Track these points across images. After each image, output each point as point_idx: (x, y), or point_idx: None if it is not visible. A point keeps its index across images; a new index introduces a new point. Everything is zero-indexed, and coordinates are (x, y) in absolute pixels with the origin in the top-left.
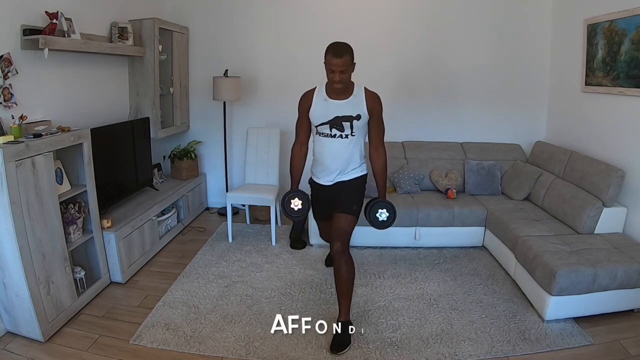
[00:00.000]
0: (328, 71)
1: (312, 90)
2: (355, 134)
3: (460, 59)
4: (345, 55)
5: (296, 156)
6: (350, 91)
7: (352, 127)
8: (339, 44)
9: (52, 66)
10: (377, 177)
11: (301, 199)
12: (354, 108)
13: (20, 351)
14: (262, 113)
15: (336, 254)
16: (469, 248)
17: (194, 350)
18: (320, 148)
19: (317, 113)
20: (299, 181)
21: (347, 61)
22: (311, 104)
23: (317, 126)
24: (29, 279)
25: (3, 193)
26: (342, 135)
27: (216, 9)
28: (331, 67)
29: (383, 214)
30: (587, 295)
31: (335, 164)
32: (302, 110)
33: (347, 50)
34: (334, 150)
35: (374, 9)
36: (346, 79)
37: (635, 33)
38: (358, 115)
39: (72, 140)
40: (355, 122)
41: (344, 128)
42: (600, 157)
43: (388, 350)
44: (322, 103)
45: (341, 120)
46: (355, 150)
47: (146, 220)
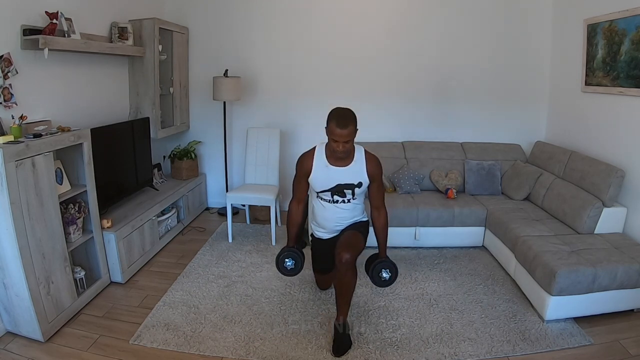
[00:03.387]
0: (331, 140)
1: (311, 153)
2: (356, 198)
3: (460, 59)
4: (350, 126)
5: (294, 213)
6: (352, 157)
7: (354, 193)
8: (343, 113)
9: (52, 66)
10: (378, 236)
11: (294, 258)
12: (355, 175)
13: (20, 351)
14: (262, 113)
15: (344, 265)
16: (469, 248)
17: (194, 350)
18: (322, 212)
19: (318, 180)
20: (296, 238)
21: (352, 131)
22: (311, 169)
23: (318, 192)
24: (29, 279)
25: (3, 193)
26: (344, 201)
27: (216, 9)
28: (335, 138)
29: (384, 273)
30: (587, 295)
31: (338, 226)
32: (301, 173)
33: (351, 119)
34: (337, 213)
35: (374, 10)
36: (349, 148)
37: (635, 33)
38: (359, 183)
39: (72, 140)
40: (357, 189)
41: (345, 194)
42: (600, 157)
43: (388, 350)
44: (322, 169)
45: (343, 188)
46: (356, 211)
47: (146, 220)
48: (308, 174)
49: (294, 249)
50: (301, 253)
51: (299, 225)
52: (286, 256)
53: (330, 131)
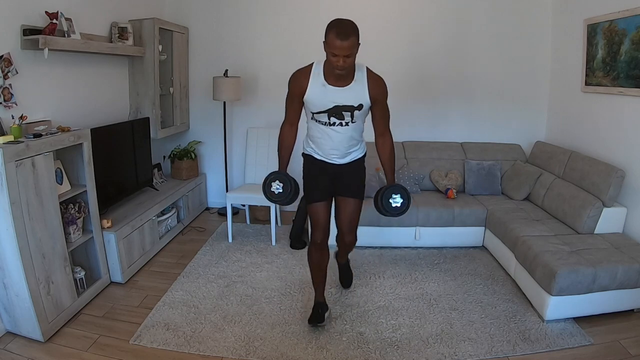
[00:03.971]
0: (329, 53)
1: (307, 70)
2: (355, 121)
3: (460, 59)
4: (351, 37)
5: (285, 136)
6: (352, 75)
7: (353, 115)
8: (344, 23)
9: (52, 66)
10: (385, 165)
11: (283, 181)
12: (356, 96)
13: (20, 351)
14: (262, 113)
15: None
16: (469, 248)
17: (194, 350)
18: (317, 133)
19: (313, 100)
20: (287, 163)
21: (353, 43)
22: (306, 88)
23: (314, 113)
24: (29, 279)
25: (3, 193)
26: (341, 123)
27: (216, 9)
28: (334, 51)
29: (397, 199)
30: (587, 295)
31: (334, 150)
32: (295, 91)
33: (353, 31)
34: (332, 137)
35: (375, 10)
36: (350, 63)
37: (635, 33)
38: (360, 105)
39: (72, 140)
40: (357, 112)
41: (343, 117)
42: (600, 157)
43: (388, 350)
44: (319, 88)
45: (341, 110)
46: (354, 136)
47: (146, 220)
48: (302, 93)
49: (283, 172)
50: (292, 179)
51: (290, 149)
52: (273, 179)
53: (328, 44)
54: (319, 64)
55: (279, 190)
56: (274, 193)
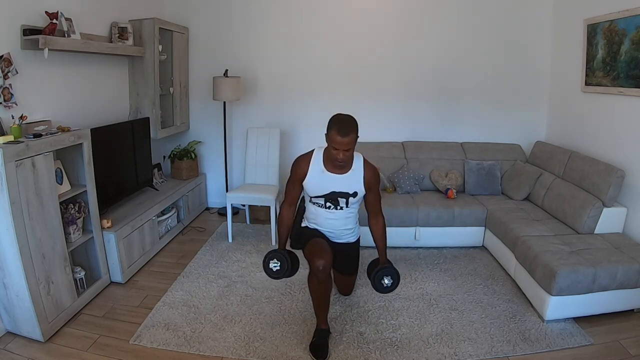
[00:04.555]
0: (331, 147)
1: (308, 157)
2: (350, 207)
3: (460, 59)
4: (351, 134)
5: (285, 217)
6: (350, 164)
7: (348, 202)
8: (344, 120)
9: (52, 66)
10: (377, 242)
11: (280, 260)
12: (352, 184)
13: (20, 351)
14: (262, 113)
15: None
16: (469, 248)
17: (194, 350)
18: (314, 215)
19: (312, 185)
20: (286, 242)
21: (353, 140)
22: (306, 173)
23: (312, 197)
24: (29, 279)
25: (3, 193)
26: (336, 208)
27: (216, 9)
28: (335, 146)
29: (387, 280)
30: (587, 295)
31: (329, 231)
32: (296, 177)
33: (353, 127)
34: (328, 219)
35: (375, 10)
36: (349, 156)
37: (635, 33)
38: (355, 192)
39: (72, 140)
40: (351, 199)
41: (338, 202)
42: (600, 157)
43: (388, 350)
44: (318, 175)
45: (337, 196)
46: (348, 219)
47: (146, 220)
48: (303, 178)
49: (280, 251)
50: (289, 257)
51: (289, 228)
52: (271, 257)
53: (330, 139)
54: (319, 150)
55: (277, 267)
56: (272, 270)
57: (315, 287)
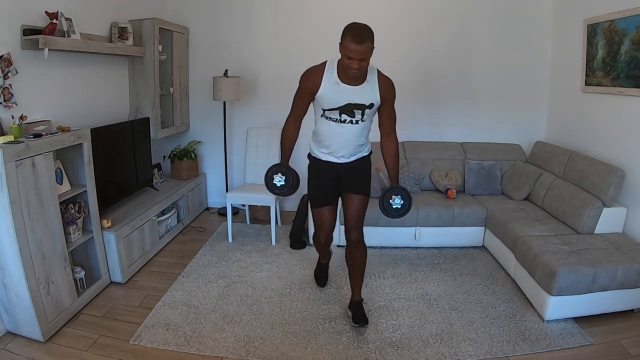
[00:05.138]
0: (345, 56)
1: (320, 69)
2: (365, 120)
3: (460, 59)
4: (367, 42)
5: (289, 130)
6: (364, 76)
7: (364, 114)
8: (360, 27)
9: (52, 66)
10: (389, 166)
11: (285, 174)
12: (367, 95)
13: (20, 351)
14: (262, 113)
15: (356, 243)
16: (469, 248)
17: (194, 350)
18: (327, 131)
19: (327, 97)
20: (289, 157)
21: (368, 48)
22: (319, 86)
23: (325, 110)
24: (29, 279)
25: (3, 193)
26: (352, 121)
27: (216, 9)
28: (350, 54)
29: (397, 200)
30: (587, 295)
31: (343, 148)
32: (306, 89)
33: (369, 35)
34: (344, 134)
35: (375, 10)
36: (364, 66)
37: (635, 33)
38: (371, 104)
39: (72, 140)
40: (367, 110)
41: (354, 114)
42: (600, 157)
43: (388, 350)
44: (333, 87)
45: (353, 108)
46: (362, 134)
47: (146, 220)
48: (315, 91)
49: (285, 165)
50: (293, 171)
51: (293, 142)
52: (275, 171)
53: (344, 47)
54: (332, 63)
55: (281, 182)
56: (276, 185)
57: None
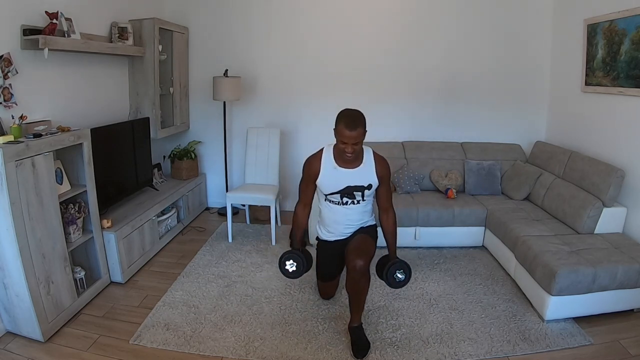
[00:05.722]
0: (339, 141)
1: (318, 156)
2: (365, 200)
3: (460, 59)
4: (359, 128)
5: (299, 217)
6: (360, 158)
7: (364, 195)
8: (352, 114)
9: (52, 66)
10: (387, 237)
11: (296, 260)
12: (365, 177)
13: (20, 351)
14: (262, 113)
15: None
16: (469, 248)
17: (194, 350)
18: (330, 214)
19: (326, 183)
20: (300, 242)
21: (361, 133)
22: (319, 172)
23: (327, 195)
24: (29, 279)
25: (3, 193)
26: (353, 202)
27: (216, 9)
28: (343, 140)
29: (401, 274)
30: (587, 295)
31: (347, 229)
32: (309, 176)
33: (361, 121)
34: (346, 216)
35: (375, 9)
36: (358, 150)
37: (635, 33)
38: (369, 185)
39: (72, 140)
40: (367, 191)
41: (354, 196)
42: (600, 157)
43: (388, 350)
44: (331, 172)
45: (352, 190)
46: (365, 212)
47: (146, 220)
48: (316, 176)
49: (296, 252)
50: (304, 256)
51: (304, 229)
52: (287, 258)
53: (338, 133)
54: (328, 148)
55: (293, 268)
56: (288, 271)
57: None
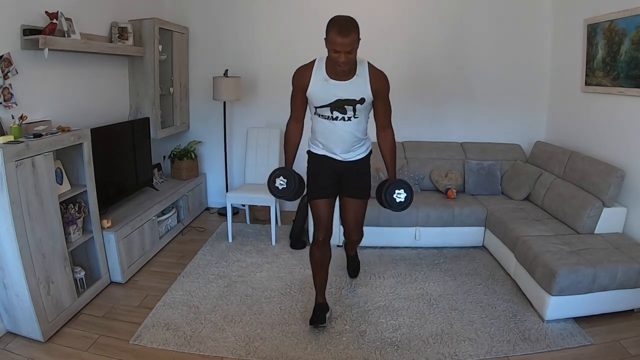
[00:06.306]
0: (330, 50)
1: (309, 66)
2: (358, 116)
3: (460, 59)
4: (352, 34)
5: (291, 132)
6: (354, 70)
7: (355, 110)
8: (344, 20)
9: (52, 66)
10: (386, 159)
11: (287, 177)
12: (358, 90)
13: (20, 351)
14: (262, 113)
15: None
16: (469, 248)
17: (194, 350)
18: (320, 129)
19: (316, 94)
20: (293, 159)
21: (354, 39)
22: (309, 83)
23: (317, 107)
24: (29, 279)
25: (3, 193)
26: (344, 118)
27: (216, 9)
28: (335, 47)
29: (401, 194)
30: (587, 295)
31: (338, 146)
32: (298, 87)
33: (354, 27)
34: (336, 132)
35: (375, 10)
36: (352, 59)
37: (635, 33)
38: (362, 99)
39: (72, 140)
40: (359, 106)
41: (346, 111)
42: (600, 157)
43: (388, 350)
44: (321, 83)
45: (343, 104)
46: (358, 131)
47: (146, 220)
48: (305, 87)
49: (288, 168)
50: (296, 175)
51: (297, 145)
52: (277, 175)
53: (330, 40)
54: (321, 59)
55: (283, 185)
56: (278, 188)
57: (313, 253)
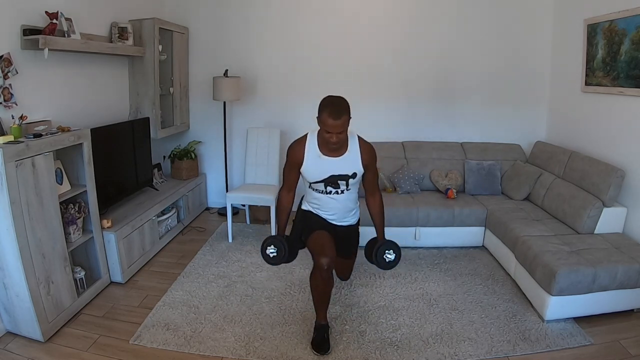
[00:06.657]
0: (323, 131)
1: (302, 142)
2: (350, 189)
3: (460, 59)
4: (343, 116)
5: (283, 202)
6: (345, 146)
7: (348, 184)
8: (335, 102)
9: (52, 66)
10: (375, 221)
11: (277, 246)
12: (350, 166)
13: (20, 351)
14: (262, 113)
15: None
16: (469, 248)
17: (194, 350)
18: (315, 200)
19: (310, 171)
20: (285, 227)
21: (345, 121)
22: (303, 160)
23: (311, 183)
24: (29, 279)
25: (3, 193)
26: (337, 192)
27: (216, 9)
28: (327, 129)
29: (390, 254)
30: (587, 295)
31: (330, 215)
32: (293, 163)
33: (345, 108)
34: (330, 204)
35: (375, 9)
36: (343, 139)
37: (635, 33)
38: (354, 173)
39: (72, 140)
40: (351, 180)
41: (339, 185)
42: (600, 157)
43: (388, 350)
44: (315, 160)
45: (337, 179)
46: (350, 201)
47: (146, 220)
48: (300, 164)
49: (278, 237)
50: (286, 243)
51: (288, 213)
52: (269, 244)
53: (322, 122)
54: (312, 134)
55: (274, 253)
56: (269, 256)
57: (317, 283)
